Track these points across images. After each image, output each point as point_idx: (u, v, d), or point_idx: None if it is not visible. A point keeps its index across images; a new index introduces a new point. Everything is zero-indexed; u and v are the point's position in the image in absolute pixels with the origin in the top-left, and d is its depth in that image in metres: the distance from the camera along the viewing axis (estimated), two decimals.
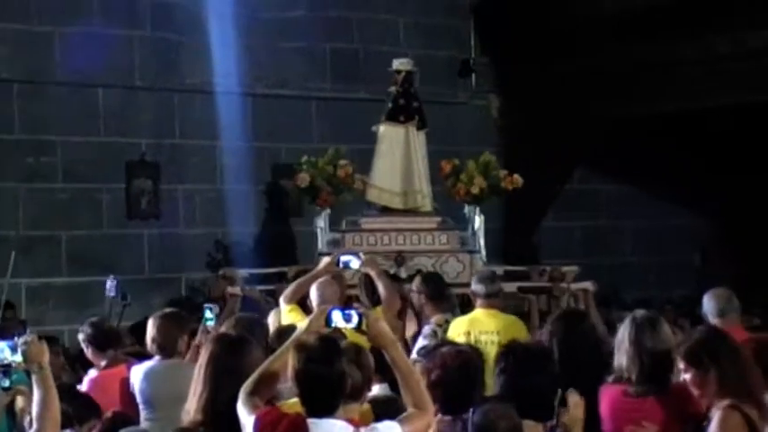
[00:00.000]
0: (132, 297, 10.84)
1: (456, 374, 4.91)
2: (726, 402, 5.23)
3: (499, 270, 10.17)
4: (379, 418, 4.74)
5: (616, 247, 15.04)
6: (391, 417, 4.76)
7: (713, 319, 7.43)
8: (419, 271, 9.45)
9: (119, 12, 12.57)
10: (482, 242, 10.10)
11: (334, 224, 10.68)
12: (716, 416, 5.15)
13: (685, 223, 15.13)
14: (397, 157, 10.57)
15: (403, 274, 9.75)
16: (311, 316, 5.01)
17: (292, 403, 4.73)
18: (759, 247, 13.90)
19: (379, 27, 14.23)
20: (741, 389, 5.24)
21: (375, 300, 8.00)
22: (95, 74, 12.47)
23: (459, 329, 7.95)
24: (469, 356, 5.35)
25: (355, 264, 7.72)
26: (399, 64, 10.98)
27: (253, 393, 4.59)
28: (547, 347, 5.52)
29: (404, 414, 4.63)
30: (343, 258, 7.69)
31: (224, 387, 4.78)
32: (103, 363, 7.17)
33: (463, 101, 14.79)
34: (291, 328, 5.59)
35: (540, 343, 5.89)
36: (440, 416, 4.80)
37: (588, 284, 9.21)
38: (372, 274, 8.02)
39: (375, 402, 5.23)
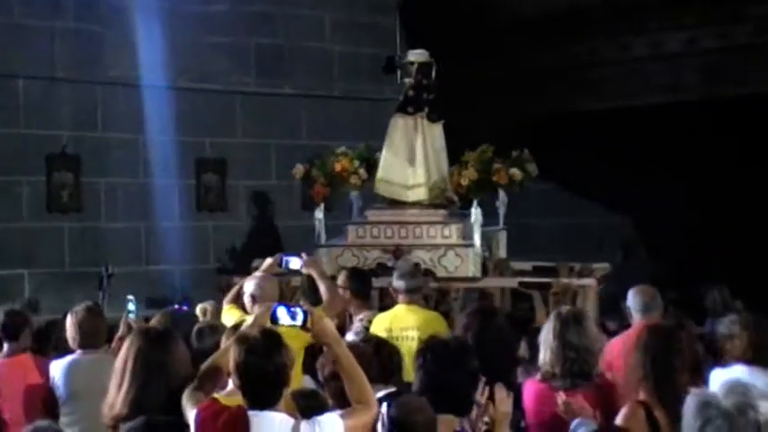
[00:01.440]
0: (52, 291, 10.75)
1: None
2: (637, 397, 5.38)
3: (527, 265, 10.38)
4: (303, 411, 4.77)
5: (537, 245, 15.13)
6: (315, 409, 4.79)
7: (636, 316, 7.58)
8: (417, 265, 9.43)
9: (41, 3, 12.41)
10: (477, 236, 9.89)
11: (337, 216, 10.81)
12: (623, 408, 5.32)
13: (606, 222, 15.28)
14: (406, 150, 10.41)
15: None
16: (256, 312, 5.01)
17: (228, 393, 4.74)
18: (674, 245, 14.10)
19: (305, 22, 14.21)
20: (658, 387, 5.37)
21: (316, 300, 7.90)
22: (16, 65, 12.31)
23: (380, 326, 8.00)
24: (360, 352, 5.39)
25: (296, 264, 7.72)
26: (413, 55, 10.90)
27: (197, 388, 4.59)
28: (466, 343, 5.57)
29: (347, 408, 4.67)
30: (286, 259, 7.72)
31: (151, 381, 4.76)
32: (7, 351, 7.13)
33: (388, 98, 14.79)
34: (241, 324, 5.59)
35: (460, 338, 5.95)
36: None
37: (591, 281, 9.22)
38: (314, 274, 8.02)
39: (299, 395, 5.25)
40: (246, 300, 7.50)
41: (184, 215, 13.32)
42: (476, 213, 9.91)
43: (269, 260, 8.07)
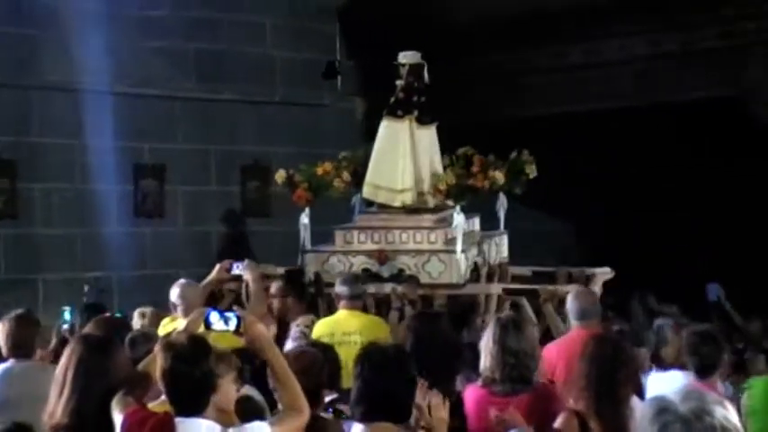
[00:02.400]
0: None
1: (303, 373, 4.91)
2: (575, 406, 5.43)
3: (527, 271, 10.21)
4: (242, 417, 4.74)
5: None
6: (250, 415, 4.76)
7: (574, 321, 7.59)
8: (401, 270, 9.38)
9: None
10: (459, 241, 9.48)
11: (324, 222, 10.46)
12: (559, 416, 5.37)
13: (545, 228, 15.36)
14: (394, 154, 10.06)
15: (385, 273, 9.46)
16: (189, 318, 4.97)
17: (161, 402, 4.69)
18: (612, 251, 14.19)
19: (245, 27, 14.16)
20: (598, 399, 5.41)
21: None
22: None
23: (322, 330, 8.01)
24: (313, 357, 5.37)
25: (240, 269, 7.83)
26: (404, 57, 10.52)
27: (127, 394, 4.55)
28: (404, 350, 5.49)
29: (277, 415, 4.63)
30: (235, 264, 7.85)
31: (91, 389, 4.72)
32: None
33: (328, 103, 14.80)
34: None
35: (399, 345, 5.93)
36: None
37: (574, 287, 8.78)
38: (248, 278, 8.06)
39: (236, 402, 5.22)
40: (171, 306, 7.51)
41: (122, 221, 13.18)
42: (458, 219, 9.53)
43: (218, 266, 8.13)
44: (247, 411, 5.07)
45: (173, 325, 7.20)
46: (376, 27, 14.68)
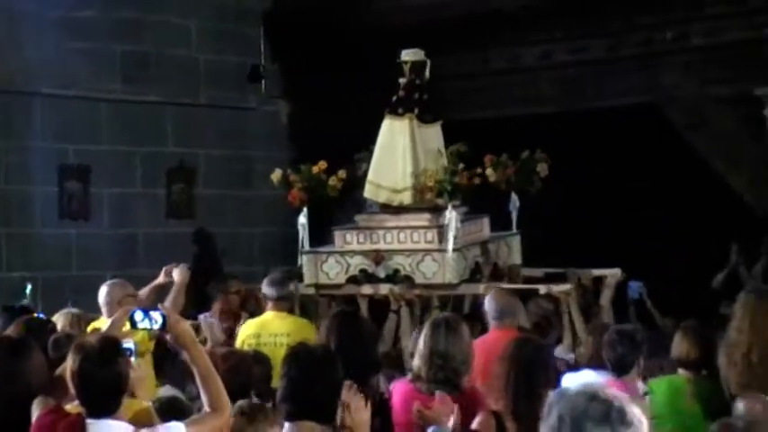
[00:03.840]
0: None
1: (225, 376, 4.91)
2: (492, 407, 5.51)
3: (538, 272, 9.96)
4: (163, 418, 4.74)
5: None
6: (173, 416, 4.75)
7: (492, 322, 7.64)
8: (396, 271, 9.20)
9: None
10: (451, 240, 9.16)
11: (329, 222, 10.35)
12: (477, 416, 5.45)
13: None
14: (394, 152, 9.77)
15: (381, 273, 9.30)
16: (113, 317, 4.95)
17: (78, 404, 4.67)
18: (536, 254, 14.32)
19: (171, 30, 14.09)
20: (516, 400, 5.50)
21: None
22: None
23: (249, 331, 8.02)
24: (242, 357, 5.40)
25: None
26: (406, 54, 10.16)
27: (47, 395, 4.52)
28: (331, 351, 5.47)
29: (196, 415, 4.62)
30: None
31: (3, 391, 4.67)
32: None
33: (253, 106, 14.79)
34: None
35: (326, 346, 5.96)
36: None
37: (567, 287, 8.84)
38: (177, 280, 8.06)
39: (159, 402, 5.22)
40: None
41: (47, 222, 13.06)
42: (449, 217, 9.20)
43: (166, 269, 8.12)
44: (169, 411, 5.07)
45: (99, 325, 7.18)
46: (300, 31, 14.71)
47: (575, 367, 7.19)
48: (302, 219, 9.82)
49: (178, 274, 8.16)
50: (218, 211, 14.47)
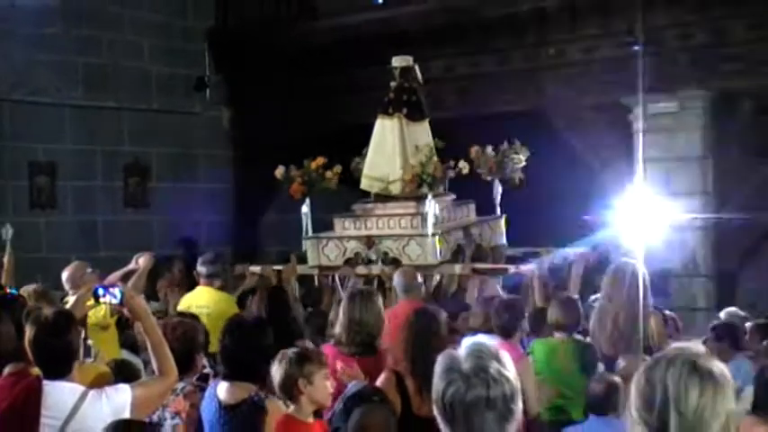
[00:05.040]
0: None
1: (174, 343, 4.93)
2: (394, 367, 5.61)
3: (519, 252, 9.67)
4: (115, 379, 4.74)
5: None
6: (125, 378, 4.76)
7: (401, 294, 7.67)
8: (386, 254, 8.99)
9: None
10: (430, 226, 8.81)
11: (323, 210, 9.89)
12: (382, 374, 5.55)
13: None
14: (385, 148, 9.43)
15: (373, 256, 9.02)
16: (79, 292, 4.93)
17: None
18: None
19: (126, 46, 14.03)
20: (413, 361, 5.57)
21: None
22: None
23: (183, 303, 8.07)
24: (189, 326, 5.43)
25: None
26: (395, 61, 9.82)
27: (19, 359, 4.49)
28: (264, 322, 5.55)
29: (144, 378, 4.61)
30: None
31: None
32: None
33: (198, 111, 14.77)
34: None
35: (258, 318, 6.03)
36: None
37: (532, 266, 8.53)
38: (141, 264, 8.04)
39: (113, 364, 5.23)
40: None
41: (18, 212, 12.93)
42: (429, 205, 8.85)
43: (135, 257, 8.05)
44: (120, 373, 5.08)
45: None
46: (240, 47, 14.70)
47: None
48: (305, 208, 9.58)
49: (143, 260, 8.13)
50: (168, 202, 14.43)
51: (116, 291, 4.46)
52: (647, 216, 11.19)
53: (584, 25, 12.10)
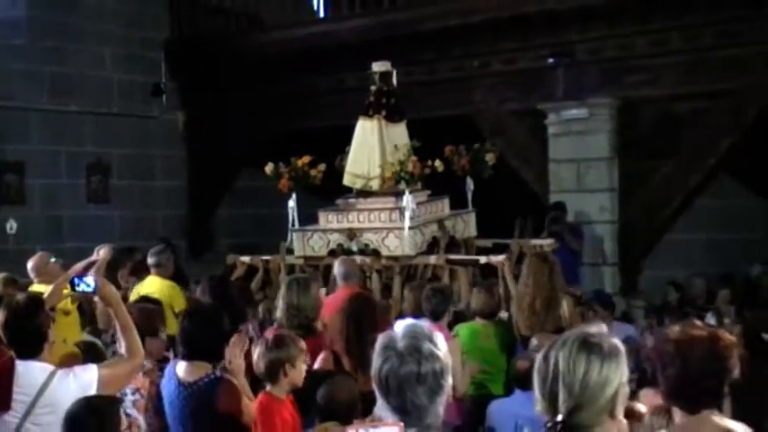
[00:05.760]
0: None
1: (140, 326, 4.96)
2: (333, 347, 5.71)
3: (488, 243, 9.58)
4: (85, 360, 4.75)
5: (276, 228, 15.32)
6: (93, 358, 4.78)
7: (340, 281, 7.70)
8: (366, 245, 8.86)
9: None
10: (407, 219, 8.72)
11: (308, 205, 9.66)
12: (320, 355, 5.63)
13: None
14: (366, 147, 9.23)
15: (354, 248, 8.89)
16: (56, 282, 4.91)
17: None
18: None
19: (89, 56, 13.94)
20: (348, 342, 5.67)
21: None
22: None
23: (136, 291, 8.03)
24: (151, 310, 5.47)
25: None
26: (375, 66, 9.66)
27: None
28: (219, 309, 5.54)
29: (111, 359, 4.61)
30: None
31: None
32: None
33: (156, 115, 14.70)
34: None
35: (213, 304, 6.07)
36: None
37: (503, 257, 8.40)
38: (101, 256, 7.99)
39: (82, 345, 5.25)
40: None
41: None
42: (406, 199, 8.73)
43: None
44: (87, 354, 5.09)
45: (39, 288, 7.11)
46: (193, 56, 14.66)
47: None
48: (291, 203, 9.39)
49: (103, 252, 8.05)
50: (128, 198, 14.37)
51: (90, 280, 4.42)
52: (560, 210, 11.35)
53: (505, 40, 12.22)
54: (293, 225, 9.35)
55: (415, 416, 2.76)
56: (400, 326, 2.89)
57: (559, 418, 2.58)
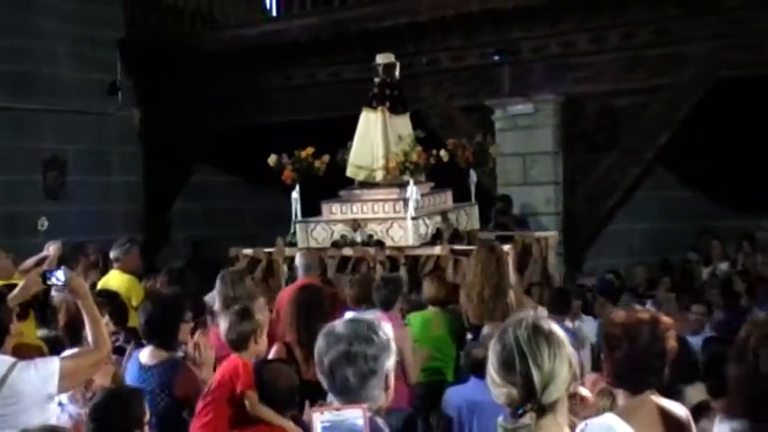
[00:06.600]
0: None
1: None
2: (284, 338, 5.73)
3: (491, 235, 9.37)
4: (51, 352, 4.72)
5: (230, 222, 15.26)
6: (58, 351, 4.75)
7: (301, 273, 7.77)
8: (370, 236, 8.73)
9: None
10: (411, 210, 8.56)
11: (310, 197, 9.42)
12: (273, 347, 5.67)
13: (279, 205, 15.54)
14: (369, 139, 9.05)
15: (358, 238, 8.77)
16: (29, 276, 4.88)
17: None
18: None
19: (47, 54, 13.80)
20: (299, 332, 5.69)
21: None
22: None
23: (101, 284, 7.99)
24: (119, 305, 5.47)
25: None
26: (379, 58, 9.41)
27: None
28: (177, 298, 5.61)
29: (72, 350, 4.58)
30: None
31: None
32: None
33: (112, 112, 14.57)
34: None
35: (174, 295, 6.07)
36: None
37: (508, 247, 8.16)
38: (51, 251, 7.93)
39: (47, 340, 5.23)
40: None
41: None
42: (410, 190, 8.58)
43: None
44: (55, 348, 5.07)
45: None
46: (148, 55, 14.55)
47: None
48: (294, 194, 9.23)
49: (53, 248, 7.97)
50: (85, 194, 14.24)
51: (60, 273, 4.38)
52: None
53: (452, 38, 12.30)
54: (296, 217, 9.19)
55: (347, 396, 2.77)
56: (348, 315, 2.95)
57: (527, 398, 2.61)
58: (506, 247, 8.15)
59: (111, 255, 8.29)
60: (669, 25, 10.87)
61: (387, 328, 2.86)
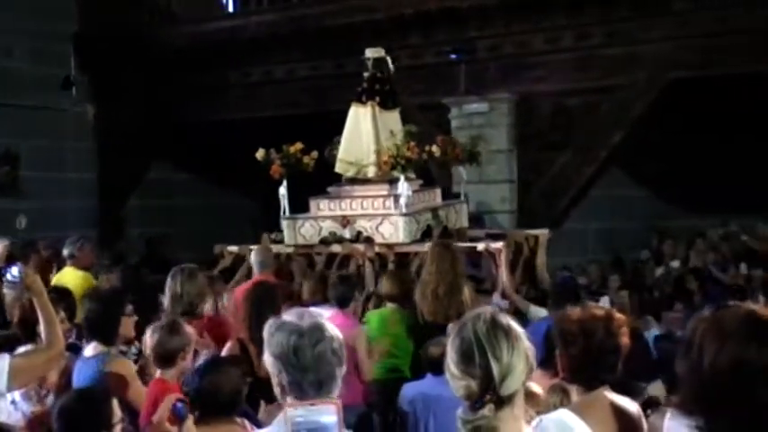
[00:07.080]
0: None
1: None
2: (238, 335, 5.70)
3: (481, 233, 9.31)
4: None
5: (184, 218, 15.16)
6: (10, 349, 4.68)
7: (257, 270, 7.72)
8: (359, 233, 8.56)
9: None
10: (402, 206, 8.41)
11: (302, 192, 9.15)
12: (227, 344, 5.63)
13: (237, 202, 15.47)
14: (359, 134, 8.84)
15: (347, 235, 8.58)
16: None
17: None
18: None
19: (0, 48, 13.60)
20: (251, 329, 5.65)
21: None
22: None
23: (53, 281, 7.92)
24: (70, 302, 5.40)
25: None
26: (368, 52, 9.21)
27: None
28: (118, 292, 5.68)
29: (25, 349, 4.52)
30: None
31: None
32: None
33: (66, 107, 14.39)
34: None
35: (117, 289, 6.03)
36: None
37: (500, 244, 8.11)
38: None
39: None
40: None
41: None
42: (402, 187, 8.41)
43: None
44: (8, 345, 4.99)
45: None
46: (102, 50, 14.38)
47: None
48: (282, 190, 8.97)
49: (0, 246, 7.86)
50: (38, 190, 14.04)
51: (15, 270, 4.33)
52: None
53: (410, 35, 12.30)
54: (284, 213, 9.02)
55: (319, 392, 2.77)
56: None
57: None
58: (499, 245, 8.11)
59: (65, 252, 8.21)
60: (622, 26, 10.96)
61: (329, 328, 2.86)
